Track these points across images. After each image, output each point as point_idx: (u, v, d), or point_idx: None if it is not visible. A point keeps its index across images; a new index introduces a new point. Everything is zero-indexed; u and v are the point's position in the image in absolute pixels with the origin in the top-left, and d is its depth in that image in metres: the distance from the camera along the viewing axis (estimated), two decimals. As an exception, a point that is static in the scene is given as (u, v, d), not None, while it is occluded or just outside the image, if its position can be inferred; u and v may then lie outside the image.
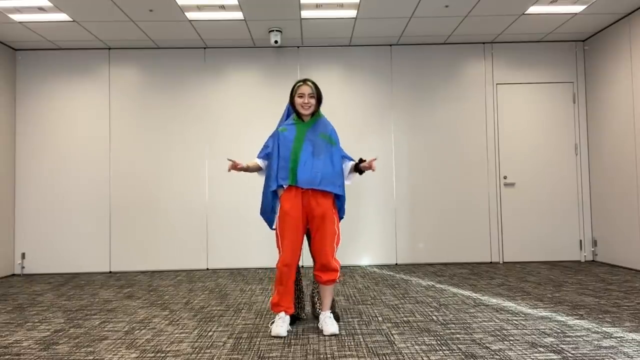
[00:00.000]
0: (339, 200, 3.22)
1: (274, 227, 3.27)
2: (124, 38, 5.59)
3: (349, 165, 3.24)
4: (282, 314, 3.08)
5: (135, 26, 5.24)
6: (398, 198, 5.92)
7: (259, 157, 3.30)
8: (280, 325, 3.03)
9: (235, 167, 3.11)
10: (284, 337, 3.00)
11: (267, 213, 3.27)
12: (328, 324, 3.06)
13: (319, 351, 2.73)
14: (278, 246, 3.13)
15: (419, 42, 5.95)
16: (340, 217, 3.28)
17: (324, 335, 3.01)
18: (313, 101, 3.16)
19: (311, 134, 3.14)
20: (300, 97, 3.15)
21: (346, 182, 3.27)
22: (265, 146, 3.29)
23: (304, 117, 3.20)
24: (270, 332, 3.07)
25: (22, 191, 5.80)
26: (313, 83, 3.18)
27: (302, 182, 3.06)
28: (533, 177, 5.92)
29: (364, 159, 3.18)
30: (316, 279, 3.15)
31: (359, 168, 3.18)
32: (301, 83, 3.17)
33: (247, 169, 3.23)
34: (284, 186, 3.15)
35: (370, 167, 3.10)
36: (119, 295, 4.43)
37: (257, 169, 3.30)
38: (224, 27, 5.36)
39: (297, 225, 3.09)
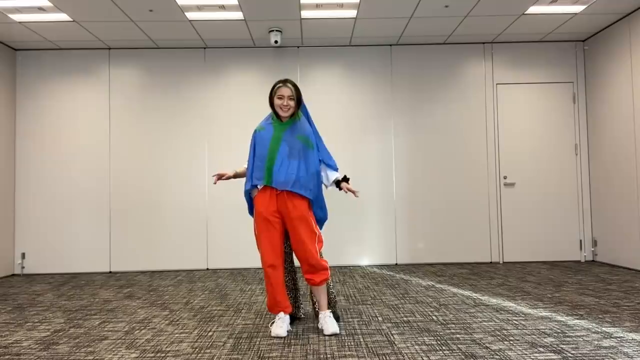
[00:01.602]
0: (315, 205, 3.18)
1: None
2: (124, 38, 5.59)
3: (333, 175, 3.21)
4: (281, 314, 3.08)
5: (135, 26, 5.24)
6: (398, 198, 5.92)
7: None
8: (280, 325, 3.03)
9: (220, 178, 3.17)
10: (284, 337, 3.00)
11: (251, 213, 3.28)
12: (328, 323, 3.05)
13: (319, 351, 2.73)
14: (258, 248, 3.13)
15: (419, 42, 5.95)
16: (323, 220, 3.25)
17: (324, 335, 3.01)
18: (292, 103, 3.12)
19: (288, 135, 3.11)
20: (280, 98, 3.10)
21: (328, 188, 3.28)
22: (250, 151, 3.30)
23: (282, 118, 3.17)
24: (270, 332, 3.07)
25: (22, 191, 5.80)
26: (293, 85, 3.14)
27: (277, 183, 3.04)
28: (533, 177, 5.92)
29: (348, 177, 3.21)
30: (309, 282, 3.10)
31: (339, 184, 3.20)
32: (281, 84, 3.12)
33: (237, 176, 3.27)
34: (259, 186, 3.14)
35: (350, 191, 3.11)
36: (119, 295, 4.43)
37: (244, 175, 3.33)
38: (224, 27, 5.36)
39: (274, 225, 3.08)
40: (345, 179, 3.21)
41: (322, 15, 5.09)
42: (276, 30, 5.39)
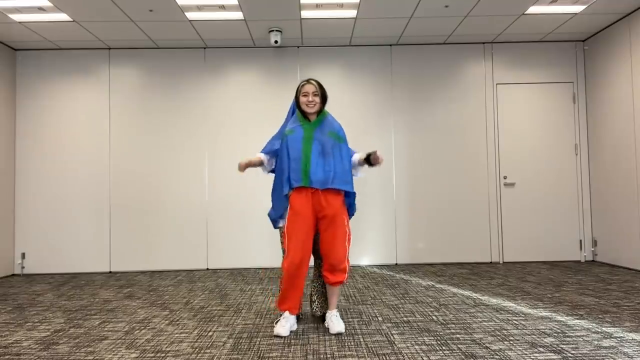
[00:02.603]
0: (348, 198, 3.21)
1: (278, 225, 3.27)
2: (124, 38, 5.59)
3: (356, 157, 3.23)
4: (287, 313, 3.09)
5: (135, 26, 5.24)
6: (398, 198, 5.92)
7: (263, 152, 3.27)
8: (283, 325, 3.04)
9: (244, 166, 3.10)
10: (284, 337, 3.00)
11: (278, 214, 3.23)
12: (334, 322, 3.08)
13: (319, 351, 2.73)
14: (285, 246, 3.12)
15: (419, 42, 5.95)
16: (352, 214, 3.28)
17: (324, 335, 3.01)
18: (317, 99, 3.16)
19: (319, 134, 3.14)
20: (305, 96, 3.15)
21: (356, 176, 3.28)
22: (272, 143, 3.28)
23: (309, 116, 3.19)
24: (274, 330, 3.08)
25: (22, 191, 5.80)
26: (317, 82, 3.19)
27: (316, 182, 3.05)
28: (533, 177, 5.92)
29: (371, 153, 3.16)
30: (325, 280, 3.14)
31: (369, 160, 3.16)
32: (305, 82, 3.19)
33: (250, 163, 3.17)
34: (294, 187, 3.13)
35: (377, 160, 3.12)
36: (119, 295, 4.43)
37: (260, 164, 3.26)
38: (224, 27, 5.36)
39: (309, 225, 3.07)
40: (369, 156, 3.16)
41: (322, 15, 5.09)
42: (276, 30, 5.39)
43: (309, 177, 3.06)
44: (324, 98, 3.20)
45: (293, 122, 3.24)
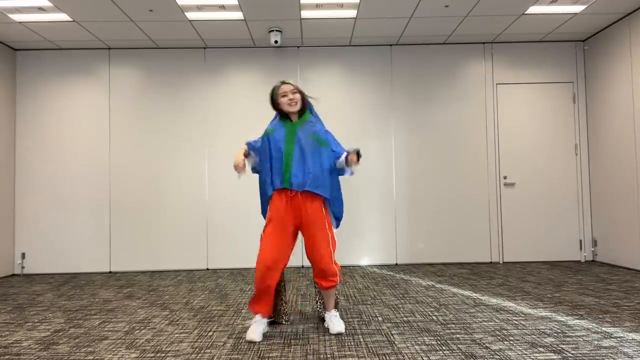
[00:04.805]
0: (332, 203, 3.13)
1: None
2: (124, 38, 5.59)
3: (342, 157, 3.07)
4: (258, 316, 3.02)
5: (135, 26, 5.24)
6: (398, 198, 5.92)
7: (247, 142, 3.17)
8: (254, 329, 2.96)
9: (241, 162, 2.97)
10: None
11: (264, 213, 3.24)
12: (334, 322, 3.07)
13: (319, 351, 2.73)
14: (261, 246, 3.06)
15: (419, 42, 5.95)
16: (339, 219, 3.22)
17: (324, 335, 3.01)
18: (298, 96, 3.09)
19: (301, 135, 3.08)
20: (284, 96, 3.08)
21: (346, 174, 3.15)
22: (255, 141, 3.19)
23: (292, 116, 3.13)
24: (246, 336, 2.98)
25: (22, 191, 5.80)
26: (291, 83, 3.11)
27: (295, 184, 3.01)
28: (533, 177, 5.92)
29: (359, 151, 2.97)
30: (317, 285, 3.13)
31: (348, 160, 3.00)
32: (279, 84, 3.11)
33: (241, 157, 3.03)
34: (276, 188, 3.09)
35: (352, 161, 2.94)
36: (119, 295, 4.43)
37: (247, 154, 3.13)
38: (224, 27, 5.36)
39: (285, 227, 3.03)
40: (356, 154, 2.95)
41: (322, 15, 5.09)
42: (276, 30, 5.39)
43: (289, 179, 3.01)
44: (303, 96, 3.12)
45: (276, 122, 3.19)
